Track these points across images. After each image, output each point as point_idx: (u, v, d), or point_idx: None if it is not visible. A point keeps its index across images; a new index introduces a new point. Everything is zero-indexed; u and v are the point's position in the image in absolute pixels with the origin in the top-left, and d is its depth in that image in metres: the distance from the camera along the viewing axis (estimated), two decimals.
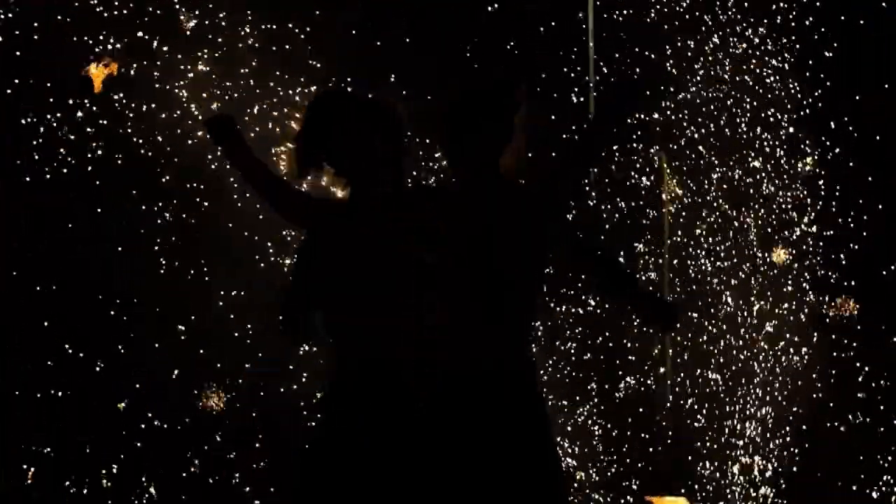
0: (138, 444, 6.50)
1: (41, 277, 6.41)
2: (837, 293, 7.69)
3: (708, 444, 7.64)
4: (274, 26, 6.78)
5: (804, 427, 7.64)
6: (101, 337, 6.50)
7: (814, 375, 7.65)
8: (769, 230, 7.72)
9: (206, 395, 6.66)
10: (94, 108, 6.46)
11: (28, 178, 6.38)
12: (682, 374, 7.66)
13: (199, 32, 6.68)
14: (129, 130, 6.56)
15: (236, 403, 6.70)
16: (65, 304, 6.43)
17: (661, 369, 7.63)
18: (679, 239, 7.68)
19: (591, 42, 7.53)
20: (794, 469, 7.65)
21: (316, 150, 4.22)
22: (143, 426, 6.51)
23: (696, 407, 7.66)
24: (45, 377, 6.39)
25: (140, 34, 6.55)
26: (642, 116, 7.57)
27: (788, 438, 7.67)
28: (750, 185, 7.71)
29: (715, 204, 7.68)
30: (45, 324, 6.40)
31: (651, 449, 7.60)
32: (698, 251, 7.71)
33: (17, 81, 6.36)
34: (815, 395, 7.65)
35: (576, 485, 7.41)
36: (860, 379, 7.60)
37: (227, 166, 6.48)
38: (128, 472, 6.49)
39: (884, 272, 7.67)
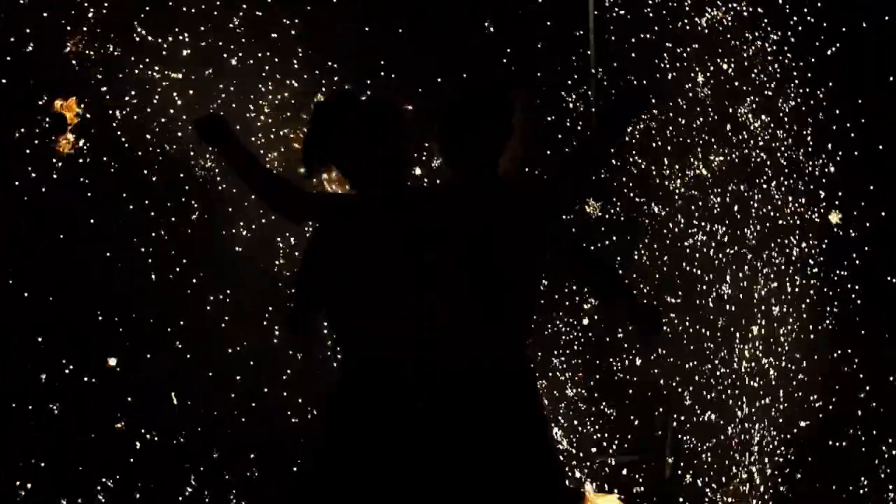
0: (132, 460, 6.47)
1: (36, 282, 6.38)
2: (840, 299, 7.67)
3: (707, 454, 7.62)
4: (272, 26, 6.77)
5: (805, 439, 7.62)
6: (97, 342, 6.47)
7: (813, 396, 7.63)
8: (769, 234, 7.71)
9: None
10: (86, 107, 6.45)
11: (17, 182, 6.36)
12: (679, 381, 7.64)
13: (196, 31, 6.67)
14: (119, 132, 6.54)
15: (234, 411, 6.68)
16: (58, 311, 6.39)
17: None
18: (678, 237, 7.67)
19: (591, 49, 7.55)
20: (795, 481, 7.62)
21: (318, 151, 4.25)
22: (137, 440, 6.48)
23: (694, 420, 7.64)
24: (40, 388, 6.35)
25: (135, 34, 6.55)
26: (641, 124, 7.58)
27: (791, 449, 7.65)
28: (750, 188, 7.70)
29: (716, 211, 7.67)
30: (42, 327, 6.37)
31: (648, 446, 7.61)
32: (697, 255, 7.70)
33: (8, 82, 6.34)
34: (817, 405, 7.63)
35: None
36: (862, 395, 7.58)
37: (216, 168, 6.49)
38: (123, 488, 6.45)
39: (888, 278, 7.65)
